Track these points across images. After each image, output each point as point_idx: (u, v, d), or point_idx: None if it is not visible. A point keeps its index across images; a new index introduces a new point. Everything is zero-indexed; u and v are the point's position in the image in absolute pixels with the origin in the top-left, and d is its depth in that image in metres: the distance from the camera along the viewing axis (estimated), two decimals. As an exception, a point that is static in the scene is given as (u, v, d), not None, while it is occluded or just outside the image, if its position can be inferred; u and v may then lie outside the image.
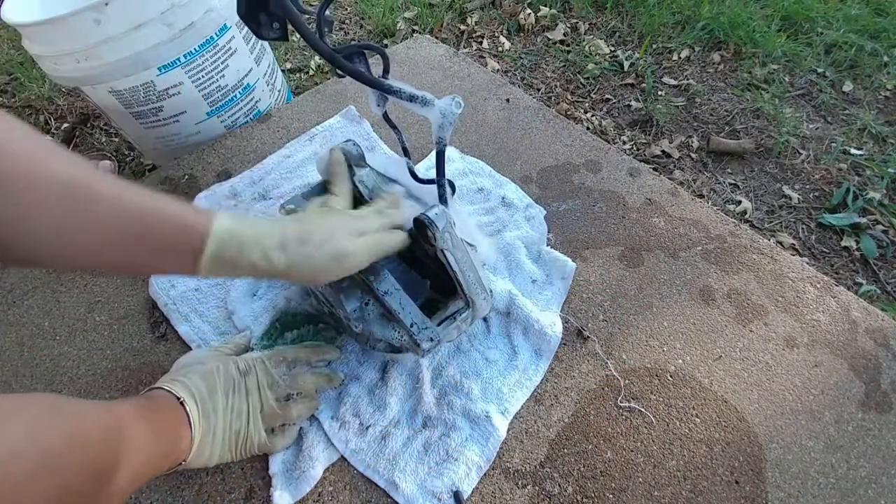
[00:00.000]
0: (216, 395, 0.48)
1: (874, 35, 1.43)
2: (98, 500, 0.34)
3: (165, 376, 0.50)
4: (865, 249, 1.00)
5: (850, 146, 1.18)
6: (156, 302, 0.66)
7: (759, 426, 0.58)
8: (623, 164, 0.83)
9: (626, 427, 0.58)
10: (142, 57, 0.76)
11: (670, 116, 1.25)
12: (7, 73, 1.36)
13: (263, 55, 0.95)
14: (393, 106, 0.55)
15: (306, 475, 0.52)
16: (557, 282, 0.68)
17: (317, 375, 0.56)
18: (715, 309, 0.67)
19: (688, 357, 0.63)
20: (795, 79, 1.35)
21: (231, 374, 0.51)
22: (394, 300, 0.49)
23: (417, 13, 1.53)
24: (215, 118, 0.89)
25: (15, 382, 0.61)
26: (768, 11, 1.49)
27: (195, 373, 0.49)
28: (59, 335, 0.65)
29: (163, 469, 0.43)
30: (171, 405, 0.46)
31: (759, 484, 0.55)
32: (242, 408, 0.50)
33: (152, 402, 0.45)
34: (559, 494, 0.54)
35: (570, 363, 0.62)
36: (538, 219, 0.74)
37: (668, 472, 0.55)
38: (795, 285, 0.70)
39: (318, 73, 1.37)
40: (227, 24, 0.84)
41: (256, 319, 0.63)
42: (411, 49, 1.04)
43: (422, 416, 0.57)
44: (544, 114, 0.91)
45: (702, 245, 0.73)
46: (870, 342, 0.65)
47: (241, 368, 0.52)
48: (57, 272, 0.70)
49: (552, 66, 1.42)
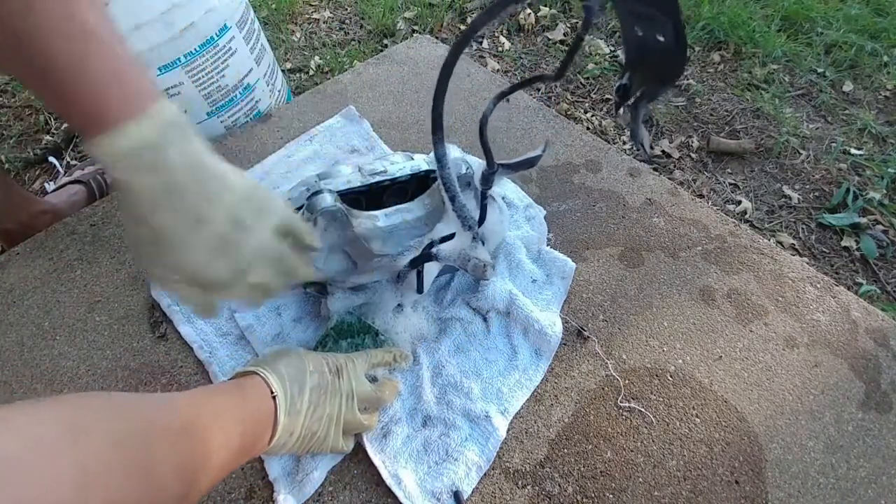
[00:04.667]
0: (304, 395, 0.45)
1: (874, 35, 1.42)
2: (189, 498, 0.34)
3: (260, 360, 0.47)
4: (865, 249, 1.00)
5: (850, 146, 1.18)
6: (157, 303, 0.66)
7: (759, 426, 0.58)
8: (623, 164, 0.83)
9: (626, 427, 0.58)
10: (142, 57, 0.76)
11: (670, 116, 1.25)
12: (7, 73, 1.36)
13: (263, 55, 0.95)
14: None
15: (309, 478, 0.52)
16: (557, 282, 0.68)
17: (393, 384, 0.56)
18: (715, 309, 0.67)
19: (688, 357, 0.63)
20: (795, 79, 1.35)
21: (324, 373, 0.48)
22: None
23: (417, 13, 1.53)
24: (215, 118, 0.89)
25: (15, 382, 0.61)
26: (768, 11, 1.49)
27: (292, 366, 0.46)
28: (59, 335, 0.65)
29: (241, 463, 0.42)
30: (263, 398, 0.43)
31: (759, 484, 0.55)
32: (324, 412, 0.47)
33: (245, 392, 0.43)
34: (559, 494, 0.54)
35: (570, 363, 0.62)
36: (538, 219, 0.74)
37: (668, 472, 0.55)
38: (795, 285, 0.70)
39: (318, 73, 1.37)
40: (227, 24, 0.84)
41: (259, 319, 0.63)
42: (411, 49, 1.04)
43: (421, 414, 0.57)
44: (544, 114, 0.91)
45: (702, 245, 0.73)
46: (870, 342, 0.65)
47: (331, 367, 0.49)
48: (57, 272, 0.70)
49: (552, 66, 1.41)
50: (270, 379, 0.44)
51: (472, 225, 0.53)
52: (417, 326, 0.62)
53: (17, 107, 1.29)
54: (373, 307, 0.61)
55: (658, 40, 0.37)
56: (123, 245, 0.73)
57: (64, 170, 1.06)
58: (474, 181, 0.56)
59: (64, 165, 1.08)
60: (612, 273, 0.70)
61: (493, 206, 0.58)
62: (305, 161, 0.82)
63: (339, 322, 0.60)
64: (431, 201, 0.57)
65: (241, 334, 0.63)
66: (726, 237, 0.74)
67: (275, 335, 0.62)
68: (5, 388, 0.61)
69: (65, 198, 0.89)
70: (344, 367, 0.50)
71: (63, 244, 0.73)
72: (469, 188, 0.56)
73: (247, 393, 0.43)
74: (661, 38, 0.36)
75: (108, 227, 0.75)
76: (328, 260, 0.53)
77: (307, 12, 1.56)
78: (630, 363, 0.62)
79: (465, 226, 0.52)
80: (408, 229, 0.55)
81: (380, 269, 0.57)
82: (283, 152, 0.83)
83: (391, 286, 0.61)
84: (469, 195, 0.56)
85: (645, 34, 0.38)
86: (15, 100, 1.31)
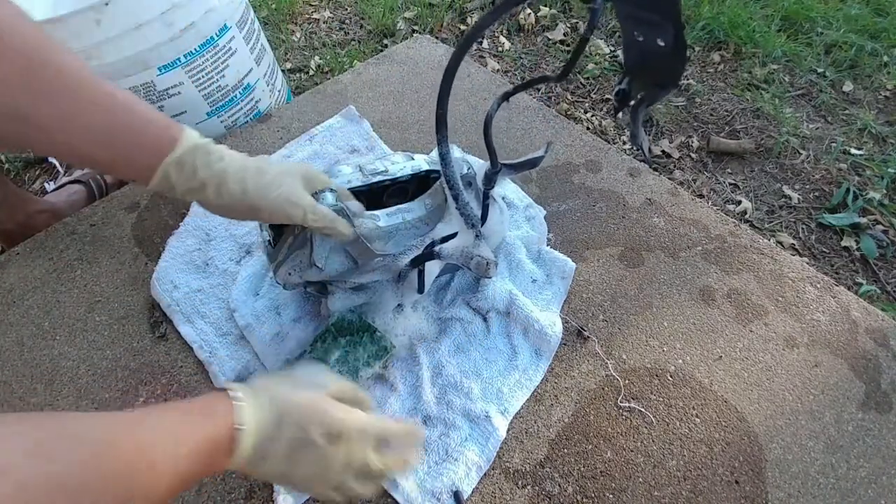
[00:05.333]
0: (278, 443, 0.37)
1: (874, 35, 1.42)
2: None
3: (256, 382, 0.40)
4: (865, 249, 1.00)
5: (850, 146, 1.18)
6: (157, 303, 0.66)
7: (759, 426, 0.58)
8: (623, 164, 0.83)
9: (626, 427, 0.58)
10: (142, 57, 0.76)
11: (670, 116, 1.25)
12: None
13: (263, 55, 0.95)
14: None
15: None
16: (557, 282, 0.67)
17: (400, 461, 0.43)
18: (715, 309, 0.67)
19: (688, 357, 0.63)
20: (795, 79, 1.35)
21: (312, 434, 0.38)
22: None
23: (417, 13, 1.53)
24: (215, 118, 0.89)
25: (15, 382, 0.61)
26: (768, 11, 1.49)
27: (286, 384, 0.40)
28: (59, 335, 0.65)
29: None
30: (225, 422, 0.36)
31: (759, 484, 0.55)
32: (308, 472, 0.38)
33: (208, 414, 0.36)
34: (559, 494, 0.53)
35: (570, 363, 0.62)
36: (538, 219, 0.74)
37: (668, 472, 0.55)
38: (795, 285, 0.70)
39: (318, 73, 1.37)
40: (227, 24, 0.84)
41: (258, 319, 0.63)
42: (411, 49, 1.04)
43: (421, 414, 0.57)
44: (544, 114, 0.91)
45: (702, 245, 0.73)
46: (870, 342, 0.65)
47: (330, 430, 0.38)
48: (57, 272, 0.70)
49: (552, 66, 1.41)
50: (243, 403, 0.36)
51: (476, 223, 0.53)
52: (417, 326, 0.62)
53: (17, 107, 1.28)
54: (373, 307, 0.61)
55: (658, 45, 0.37)
56: (123, 245, 0.73)
57: (64, 170, 1.06)
58: (476, 181, 0.56)
59: (64, 165, 1.08)
60: (612, 273, 0.70)
61: (494, 207, 0.58)
62: (305, 161, 0.82)
63: (338, 319, 0.60)
64: (432, 201, 0.57)
65: (240, 334, 0.63)
66: (726, 237, 0.74)
67: (274, 334, 0.62)
68: (5, 388, 0.61)
69: (64, 197, 0.89)
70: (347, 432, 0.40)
71: (63, 244, 0.73)
72: (470, 188, 0.57)
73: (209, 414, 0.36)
74: (662, 42, 0.36)
75: (108, 227, 0.75)
76: (329, 260, 0.53)
77: (307, 12, 1.56)
78: (630, 363, 0.62)
79: (469, 224, 0.52)
80: (409, 229, 0.55)
81: (381, 269, 0.57)
82: (283, 152, 0.83)
83: (392, 286, 0.61)
84: (471, 195, 0.56)
85: (645, 39, 0.38)
86: (15, 100, 1.30)
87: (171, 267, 0.68)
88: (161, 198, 0.78)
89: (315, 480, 0.39)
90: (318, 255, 0.52)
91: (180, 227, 0.73)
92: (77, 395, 0.60)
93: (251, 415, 0.36)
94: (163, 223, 0.75)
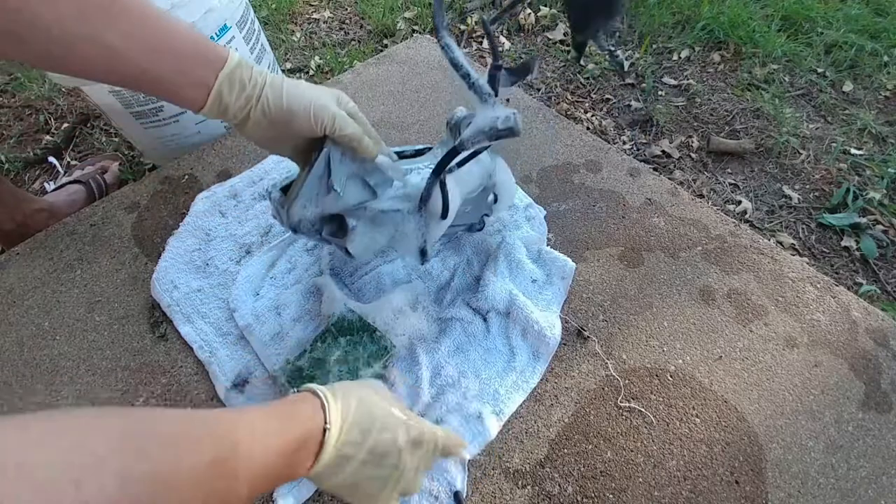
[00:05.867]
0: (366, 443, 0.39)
1: (874, 35, 1.42)
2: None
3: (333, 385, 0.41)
4: (865, 249, 1.00)
5: (850, 146, 1.18)
6: (158, 303, 0.66)
7: (759, 426, 0.58)
8: (623, 164, 0.83)
9: (626, 427, 0.58)
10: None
11: (670, 116, 1.25)
12: (7, 73, 1.36)
13: (263, 55, 0.95)
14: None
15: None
16: (557, 282, 0.67)
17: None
18: (715, 309, 0.67)
19: (688, 357, 0.63)
20: (795, 79, 1.35)
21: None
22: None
23: (417, 13, 1.53)
24: (215, 118, 0.89)
25: (15, 382, 0.61)
26: (768, 11, 1.49)
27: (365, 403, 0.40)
28: (59, 335, 0.65)
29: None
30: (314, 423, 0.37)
31: (759, 484, 0.55)
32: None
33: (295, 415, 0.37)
34: (559, 494, 0.53)
35: (570, 363, 0.62)
36: (538, 219, 0.74)
37: (668, 472, 0.55)
38: (795, 285, 0.70)
39: (318, 73, 1.37)
40: (227, 24, 0.84)
41: (258, 318, 0.63)
42: (411, 49, 1.04)
43: (418, 412, 0.57)
44: (544, 114, 0.91)
45: (702, 245, 0.73)
46: (870, 342, 0.65)
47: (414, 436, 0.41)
48: (57, 272, 0.70)
49: (552, 66, 1.42)
50: (329, 405, 0.38)
51: (489, 96, 0.51)
52: (417, 326, 0.62)
53: (17, 107, 1.29)
54: (397, 242, 0.58)
55: None
56: (123, 245, 0.73)
57: (64, 170, 1.06)
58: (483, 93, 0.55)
59: (64, 165, 1.08)
60: (612, 273, 0.70)
61: (498, 161, 0.60)
62: (305, 161, 0.82)
63: (338, 319, 0.60)
64: (441, 151, 0.58)
65: (240, 334, 0.63)
66: (726, 237, 0.74)
67: (274, 334, 0.62)
68: (5, 388, 0.61)
69: (64, 197, 0.89)
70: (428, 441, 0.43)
71: (63, 244, 0.73)
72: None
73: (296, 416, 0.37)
74: None
75: (108, 227, 0.75)
76: (347, 188, 0.52)
77: (307, 12, 1.56)
78: (630, 363, 0.62)
79: (482, 97, 0.51)
80: (422, 170, 0.57)
81: (401, 197, 0.56)
82: (283, 152, 0.83)
83: (415, 218, 0.57)
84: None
85: None
86: (15, 100, 1.30)
87: (171, 267, 0.68)
88: (161, 198, 0.78)
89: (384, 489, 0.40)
90: (336, 178, 0.51)
91: (180, 227, 0.73)
92: (77, 395, 0.60)
93: (337, 416, 0.37)
94: (163, 223, 0.75)
